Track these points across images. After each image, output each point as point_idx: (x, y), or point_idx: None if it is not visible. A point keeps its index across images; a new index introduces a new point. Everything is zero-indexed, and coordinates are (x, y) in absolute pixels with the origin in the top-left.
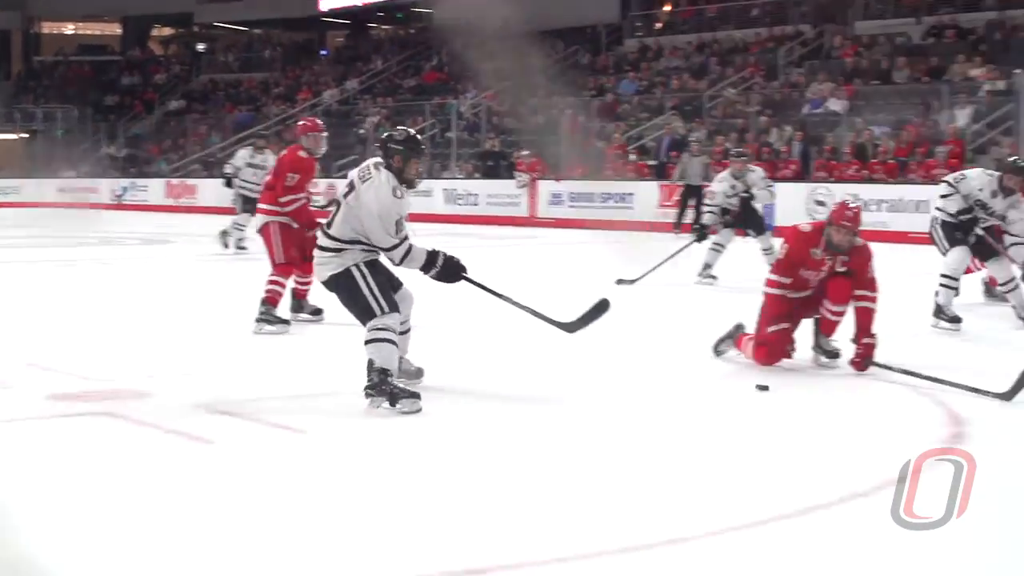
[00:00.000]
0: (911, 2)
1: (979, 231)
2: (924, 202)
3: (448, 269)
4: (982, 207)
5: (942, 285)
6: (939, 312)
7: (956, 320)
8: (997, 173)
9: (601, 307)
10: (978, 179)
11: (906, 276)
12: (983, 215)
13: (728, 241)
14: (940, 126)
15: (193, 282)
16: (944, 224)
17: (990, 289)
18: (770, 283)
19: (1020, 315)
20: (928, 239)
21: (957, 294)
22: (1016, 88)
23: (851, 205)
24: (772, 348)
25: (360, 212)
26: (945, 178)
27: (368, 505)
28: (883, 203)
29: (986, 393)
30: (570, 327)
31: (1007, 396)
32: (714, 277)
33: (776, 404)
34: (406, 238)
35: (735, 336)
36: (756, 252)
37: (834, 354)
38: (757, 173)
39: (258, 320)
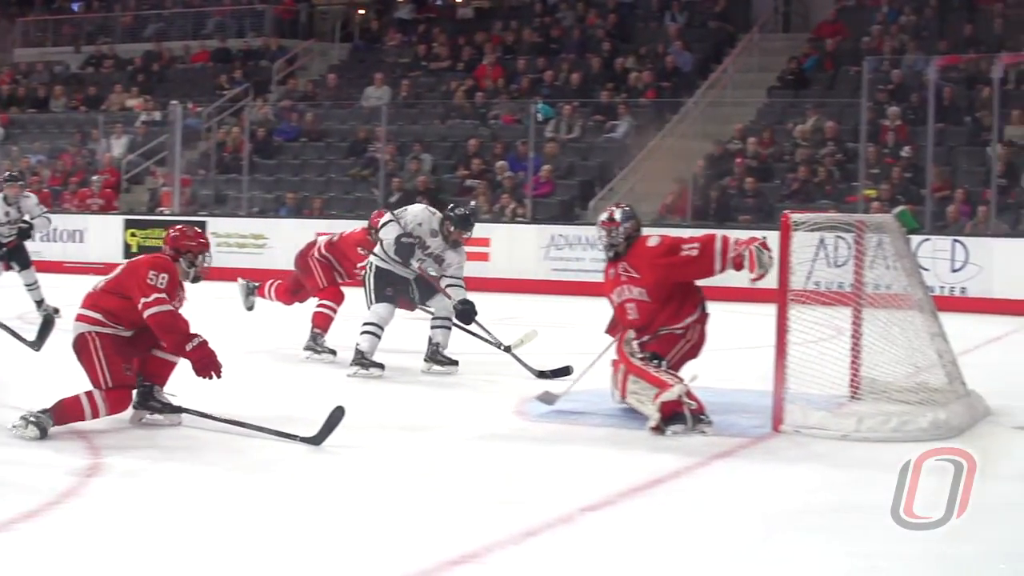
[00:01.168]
0: (70, 31)
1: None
2: (81, 231)
3: None
4: (420, 246)
5: (366, 332)
6: (361, 358)
7: (378, 366)
8: (440, 214)
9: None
10: (418, 215)
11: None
12: (421, 254)
13: None
14: (96, 155)
15: None
16: (378, 273)
17: (315, 337)
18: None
19: (436, 357)
20: None
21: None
22: (171, 118)
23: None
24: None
25: None
26: (386, 212)
27: None
28: None
29: (295, 438)
30: (315, 440)
31: (316, 440)
32: None
33: None
34: None
35: None
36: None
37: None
38: (32, 199)
39: None
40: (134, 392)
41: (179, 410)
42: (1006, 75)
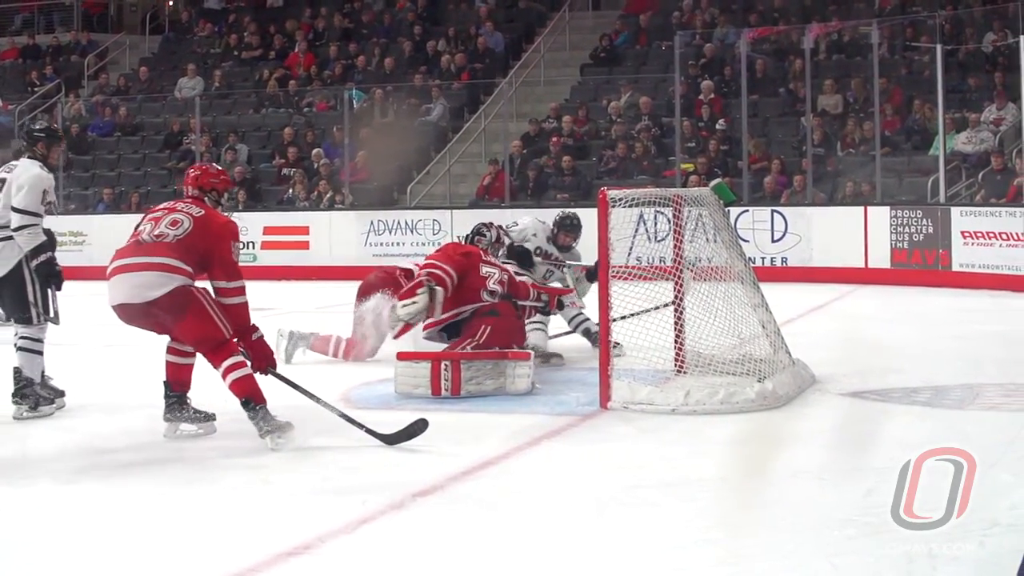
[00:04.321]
0: None
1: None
2: None
3: (45, 266)
4: (543, 254)
5: (536, 329)
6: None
7: (557, 356)
8: (548, 223)
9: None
10: (531, 227)
11: None
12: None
13: None
14: None
15: None
16: None
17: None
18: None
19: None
20: None
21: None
22: None
23: None
24: None
25: None
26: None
27: None
28: None
29: (375, 434)
30: (390, 439)
31: (392, 440)
32: None
33: None
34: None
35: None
36: None
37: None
38: None
39: None
40: None
41: (212, 417)
42: (816, 46)
